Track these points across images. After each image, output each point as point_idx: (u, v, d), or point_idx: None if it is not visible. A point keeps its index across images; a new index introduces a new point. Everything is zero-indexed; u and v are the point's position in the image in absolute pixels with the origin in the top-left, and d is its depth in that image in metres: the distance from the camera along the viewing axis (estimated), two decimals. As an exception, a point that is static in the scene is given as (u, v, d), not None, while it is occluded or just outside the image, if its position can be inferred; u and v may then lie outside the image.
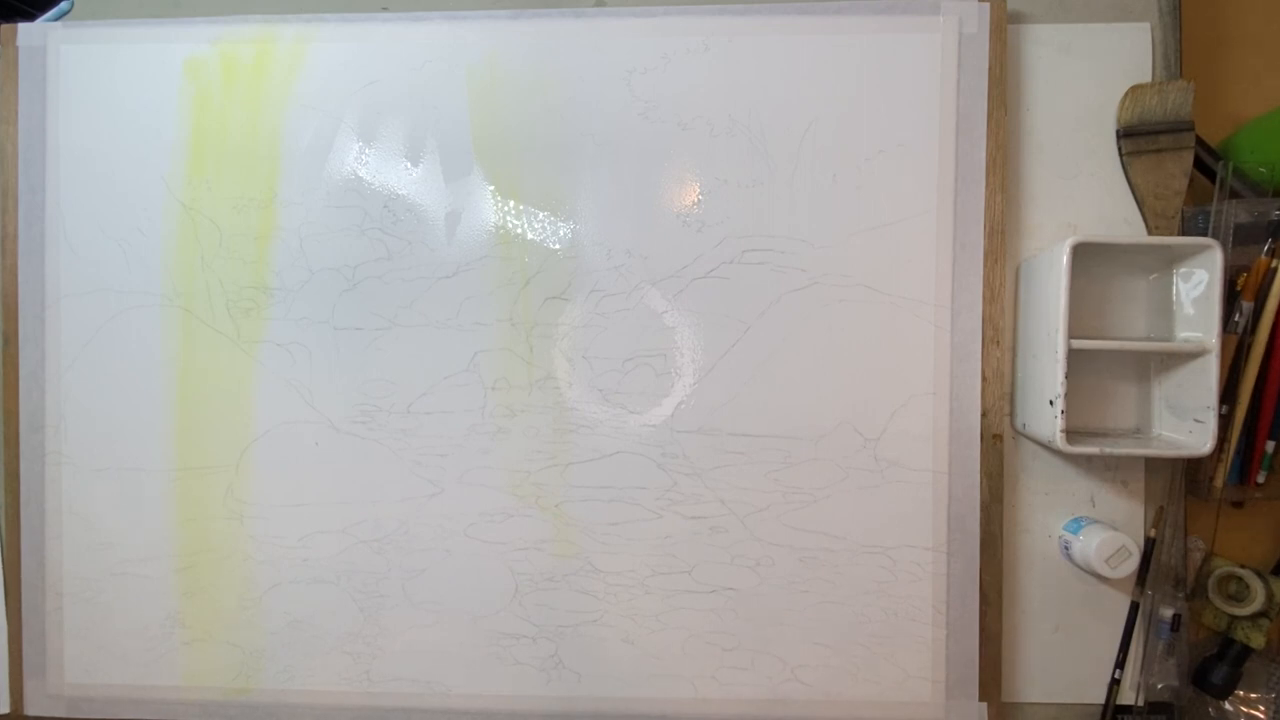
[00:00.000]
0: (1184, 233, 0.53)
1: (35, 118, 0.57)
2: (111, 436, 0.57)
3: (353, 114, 0.56)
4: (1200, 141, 0.53)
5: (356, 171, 0.56)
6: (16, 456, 0.57)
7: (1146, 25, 0.55)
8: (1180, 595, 0.54)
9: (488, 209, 0.55)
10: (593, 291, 0.55)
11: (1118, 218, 0.55)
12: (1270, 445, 0.52)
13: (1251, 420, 0.52)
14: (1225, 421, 0.51)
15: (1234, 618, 0.53)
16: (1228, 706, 0.55)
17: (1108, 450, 0.50)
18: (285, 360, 0.56)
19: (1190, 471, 0.54)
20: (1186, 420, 0.50)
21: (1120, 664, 0.54)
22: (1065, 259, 0.48)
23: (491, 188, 0.55)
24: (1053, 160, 0.55)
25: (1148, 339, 0.54)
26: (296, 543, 0.56)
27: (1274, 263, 0.51)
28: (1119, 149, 0.55)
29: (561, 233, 0.55)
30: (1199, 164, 0.54)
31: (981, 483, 0.54)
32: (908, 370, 0.54)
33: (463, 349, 0.55)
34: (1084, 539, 0.52)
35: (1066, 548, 0.54)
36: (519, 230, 0.55)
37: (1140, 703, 0.54)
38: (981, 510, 0.54)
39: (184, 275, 0.56)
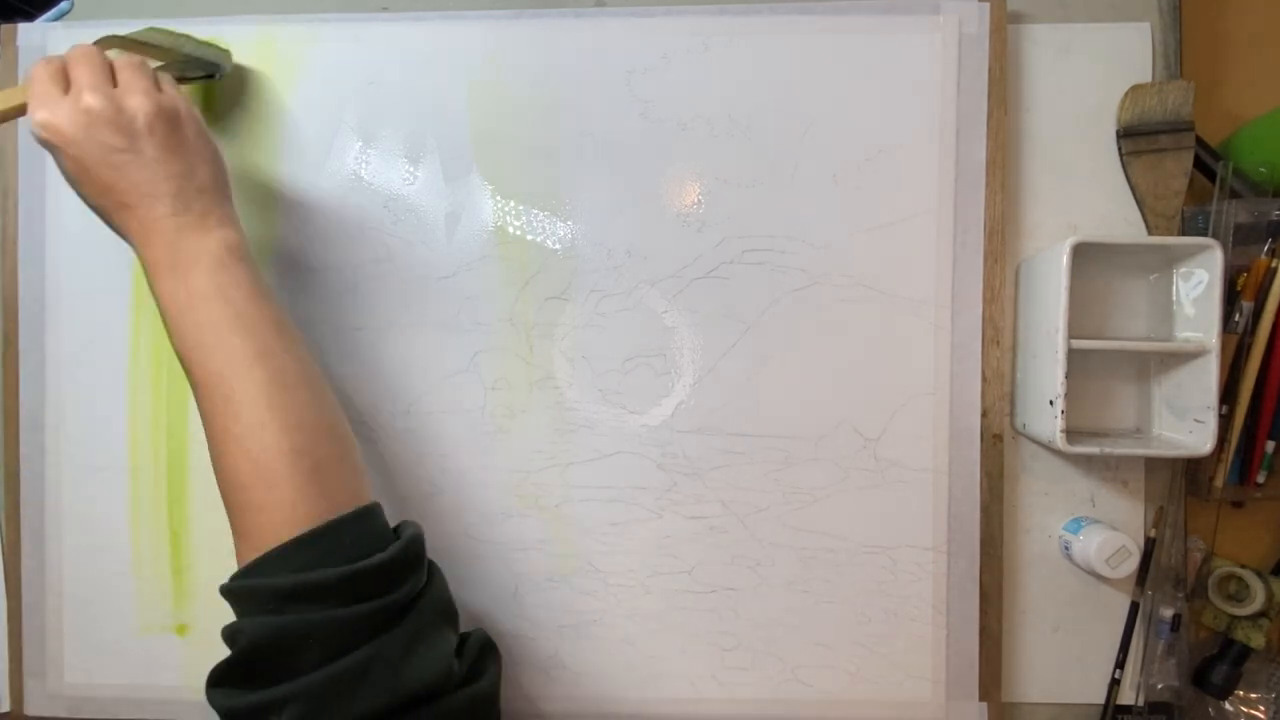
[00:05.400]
0: (1184, 233, 0.53)
1: (35, 118, 0.57)
2: (112, 436, 0.57)
3: (353, 114, 0.56)
4: (1200, 141, 0.53)
5: (356, 171, 0.56)
6: (16, 456, 0.57)
7: (1146, 25, 0.55)
8: (1180, 595, 0.54)
9: (487, 209, 0.55)
10: (592, 291, 0.55)
11: (1118, 218, 0.55)
12: (1270, 445, 0.52)
13: (1251, 420, 0.52)
14: (1225, 421, 0.51)
15: (1234, 618, 0.53)
16: (1228, 706, 0.55)
17: (1108, 450, 0.50)
18: (285, 360, 0.56)
19: (1190, 471, 0.54)
20: (1186, 420, 0.50)
21: (1120, 664, 0.54)
22: (1065, 259, 0.48)
23: (491, 188, 0.55)
24: (1053, 160, 0.55)
25: (1148, 339, 0.54)
26: (296, 543, 0.56)
27: (1274, 263, 0.51)
28: (1119, 149, 0.55)
29: (561, 233, 0.55)
30: (1199, 164, 0.54)
31: (981, 483, 0.54)
32: (908, 370, 0.54)
33: (463, 349, 0.55)
34: (1084, 539, 0.52)
35: (1066, 548, 0.54)
36: (519, 230, 0.55)
37: (1140, 703, 0.54)
38: (981, 510, 0.54)
39: (184, 275, 0.56)
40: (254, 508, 0.38)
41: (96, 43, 0.46)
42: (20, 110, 0.43)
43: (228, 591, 0.38)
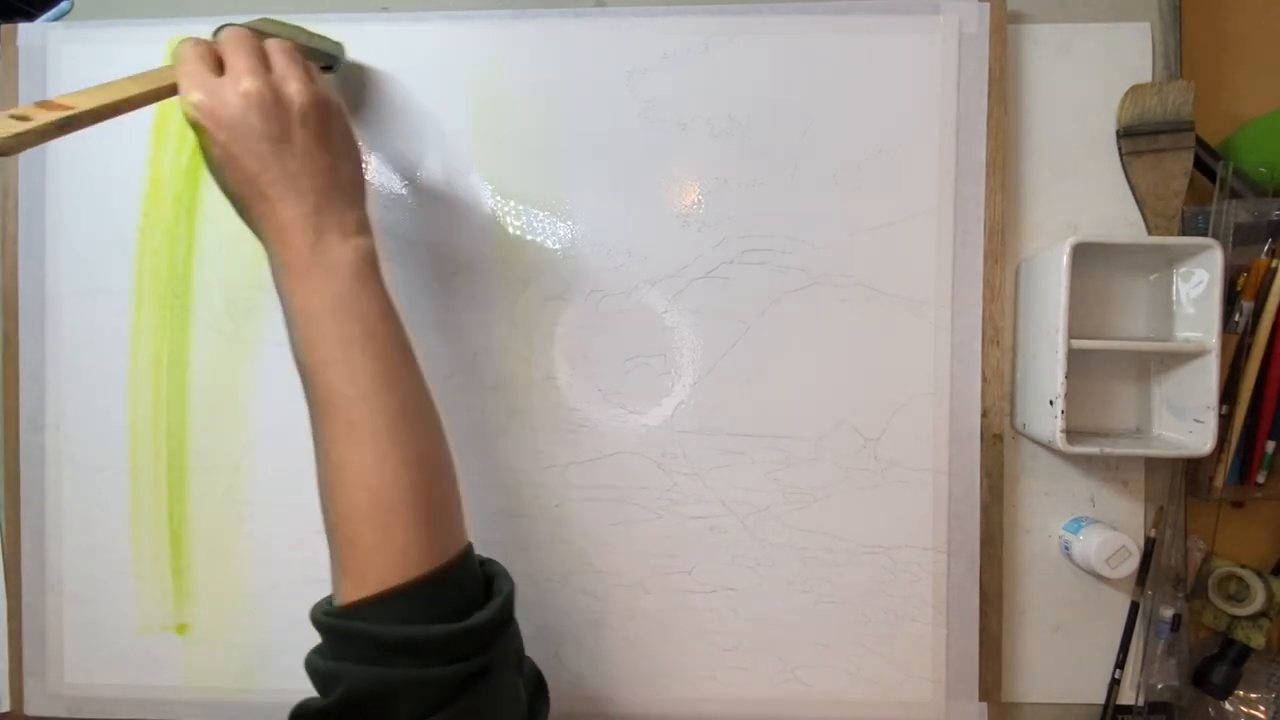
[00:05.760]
0: (1184, 233, 0.53)
1: (35, 118, 0.57)
2: (111, 436, 0.57)
3: (352, 114, 0.56)
4: (1200, 141, 0.53)
5: (356, 171, 0.56)
6: (16, 456, 0.57)
7: (1146, 25, 0.55)
8: (1180, 595, 0.54)
9: (487, 209, 0.55)
10: (592, 292, 0.55)
11: (1118, 218, 0.55)
12: (1270, 445, 0.52)
13: (1251, 420, 0.52)
14: (1225, 421, 0.51)
15: (1234, 618, 0.53)
16: (1228, 706, 0.55)
17: (1108, 450, 0.50)
18: (285, 360, 0.56)
19: (1190, 471, 0.54)
20: (1186, 420, 0.50)
21: (1120, 664, 0.54)
22: (1065, 259, 0.48)
23: (491, 188, 0.55)
24: (1053, 160, 0.55)
25: (1148, 339, 0.54)
26: (296, 543, 0.56)
27: (1274, 263, 0.51)
28: (1119, 149, 0.55)
29: (561, 233, 0.55)
30: (1199, 164, 0.54)
31: (981, 483, 0.54)
32: (908, 370, 0.54)
33: (463, 349, 0.55)
34: (1084, 539, 0.52)
35: (1066, 548, 0.54)
36: (519, 230, 0.55)
37: (1140, 703, 0.54)
38: (981, 510, 0.54)
39: (184, 275, 0.56)
40: (365, 545, 0.36)
41: (215, 32, 0.44)
42: (169, 91, 0.41)
43: (328, 627, 0.36)
